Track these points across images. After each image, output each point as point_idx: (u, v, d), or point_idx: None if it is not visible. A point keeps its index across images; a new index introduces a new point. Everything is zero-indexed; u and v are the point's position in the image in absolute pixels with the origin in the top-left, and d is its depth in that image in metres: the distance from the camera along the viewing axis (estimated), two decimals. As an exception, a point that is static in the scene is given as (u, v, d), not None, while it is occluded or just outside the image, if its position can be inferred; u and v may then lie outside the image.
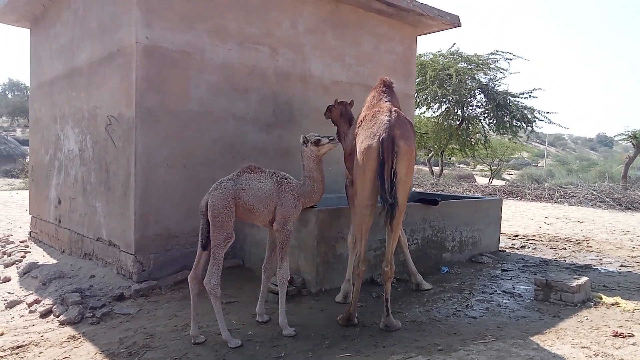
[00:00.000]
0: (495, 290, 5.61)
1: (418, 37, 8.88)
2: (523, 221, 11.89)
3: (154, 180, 5.79)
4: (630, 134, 26.84)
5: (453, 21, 8.53)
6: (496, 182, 28.58)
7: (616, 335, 4.02)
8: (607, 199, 14.95)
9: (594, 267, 6.99)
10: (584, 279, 5.18)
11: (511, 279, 6.21)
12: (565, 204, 15.37)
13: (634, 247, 8.84)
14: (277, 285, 5.13)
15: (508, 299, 5.30)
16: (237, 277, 5.93)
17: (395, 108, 4.60)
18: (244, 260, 6.33)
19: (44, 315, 5.25)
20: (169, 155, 5.87)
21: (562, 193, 16.13)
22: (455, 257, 7.00)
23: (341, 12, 7.59)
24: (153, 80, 5.70)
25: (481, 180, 30.35)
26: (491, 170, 32.82)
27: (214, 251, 4.07)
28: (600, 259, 7.68)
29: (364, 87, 7.76)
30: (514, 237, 9.64)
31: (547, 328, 4.34)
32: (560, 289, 5.04)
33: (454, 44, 23.48)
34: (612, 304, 4.94)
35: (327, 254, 5.44)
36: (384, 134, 4.24)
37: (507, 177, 37.43)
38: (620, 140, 28.86)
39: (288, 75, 6.94)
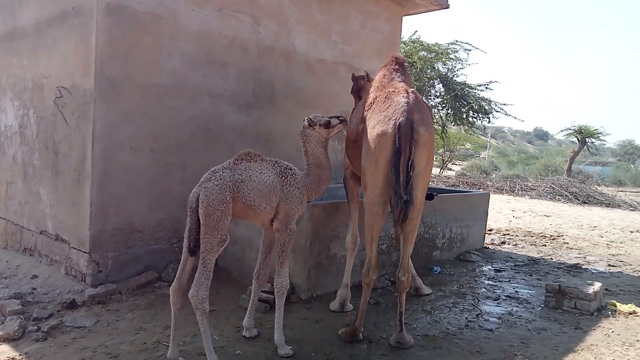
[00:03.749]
0: (500, 295, 5.17)
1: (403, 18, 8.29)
2: (492, 214, 11.64)
3: (115, 165, 4.88)
4: (576, 128, 27.79)
5: (441, 2, 7.98)
6: (445, 173, 28.78)
7: (657, 354, 3.63)
8: (566, 193, 15.15)
9: (584, 267, 6.74)
10: (598, 284, 4.81)
11: (509, 280, 5.80)
12: (526, 196, 15.45)
13: (608, 244, 8.76)
14: (268, 293, 4.48)
15: (517, 306, 4.85)
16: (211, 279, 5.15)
17: (411, 89, 3.97)
18: (218, 259, 5.51)
19: (-26, 328, 4.29)
20: (133, 135, 4.97)
21: (522, 186, 16.22)
22: (444, 255, 6.53)
23: (327, -17, 6.85)
24: (117, 46, 4.76)
25: (430, 171, 30.37)
26: (443, 161, 33.11)
27: (204, 257, 3.33)
28: (584, 257, 7.47)
29: (349, 68, 7.07)
30: (489, 232, 9.33)
31: (576, 344, 3.91)
32: (576, 296, 4.64)
33: (416, 31, 23.13)
34: (630, 313, 4.60)
35: (320, 255, 4.78)
36: (401, 118, 3.59)
37: (454, 167, 37.99)
38: (566, 134, 29.76)
39: (271, 50, 6.15)
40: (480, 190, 16.29)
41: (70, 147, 5.03)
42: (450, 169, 35.25)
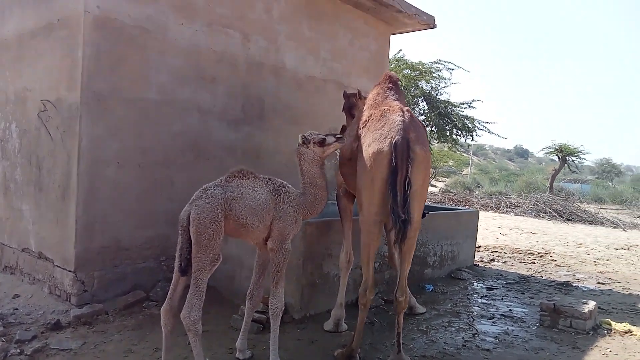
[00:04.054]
0: (494, 314, 5.11)
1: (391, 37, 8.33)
2: (479, 231, 11.67)
3: (101, 181, 4.74)
4: (556, 147, 28.26)
5: (429, 21, 8.05)
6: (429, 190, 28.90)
7: (657, 374, 3.58)
8: (550, 210, 15.29)
9: (574, 285, 6.73)
10: (592, 303, 4.78)
11: (502, 299, 5.75)
12: (512, 213, 15.56)
13: (595, 262, 8.81)
14: (260, 313, 4.36)
15: (512, 325, 4.79)
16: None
17: (406, 107, 3.94)
18: (208, 279, 5.38)
19: (-49, 352, 4.06)
20: (120, 151, 4.84)
21: (507, 203, 16.34)
22: (435, 273, 6.47)
23: (318, 0, 6.85)
24: (104, 59, 4.65)
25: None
26: (427, 178, 33.25)
27: (196, 276, 3.22)
28: (574, 275, 7.48)
29: (338, 85, 7.08)
30: (477, 249, 9.33)
31: (575, 364, 3.86)
32: (571, 315, 4.60)
33: (400, 50, 23.35)
34: (625, 332, 4.57)
35: (313, 273, 4.68)
36: (397, 137, 3.55)
37: (437, 184, 38.21)
38: (547, 152, 30.25)
39: (260, 66, 6.09)
40: (467, 207, 16.37)
41: (54, 163, 4.88)
42: (433, 186, 35.44)
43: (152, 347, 3.93)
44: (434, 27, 8.20)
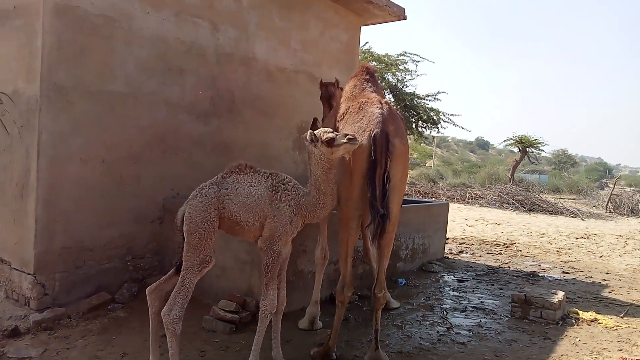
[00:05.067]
0: (466, 307, 5.16)
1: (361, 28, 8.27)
2: (446, 223, 11.87)
3: (63, 178, 4.50)
4: (517, 138, 29.03)
5: (399, 13, 8.01)
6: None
7: (627, 362, 3.68)
8: (513, 201, 15.66)
9: (540, 275, 6.89)
10: (561, 293, 4.89)
11: (473, 291, 5.82)
12: (476, 205, 15.85)
13: (558, 251, 9.06)
14: (224, 310, 4.26)
15: (485, 317, 4.85)
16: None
17: (384, 100, 3.89)
18: (177, 277, 5.23)
19: None
20: (83, 146, 4.60)
21: (472, 194, 16.65)
22: (407, 266, 6.50)
23: (288, -10, 6.71)
24: (66, 49, 4.40)
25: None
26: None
27: (183, 275, 3.16)
28: (539, 265, 7.66)
29: (309, 77, 6.98)
30: (446, 241, 9.44)
31: (547, 355, 3.93)
32: (541, 306, 4.69)
33: (367, 42, 23.35)
34: (592, 321, 4.70)
35: (287, 270, 4.57)
36: (376, 130, 3.49)
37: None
38: (508, 144, 31.02)
39: (230, 57, 5.91)
40: (434, 199, 16.61)
41: (11, 159, 4.60)
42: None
43: (119, 352, 3.77)
44: (404, 18, 8.17)
